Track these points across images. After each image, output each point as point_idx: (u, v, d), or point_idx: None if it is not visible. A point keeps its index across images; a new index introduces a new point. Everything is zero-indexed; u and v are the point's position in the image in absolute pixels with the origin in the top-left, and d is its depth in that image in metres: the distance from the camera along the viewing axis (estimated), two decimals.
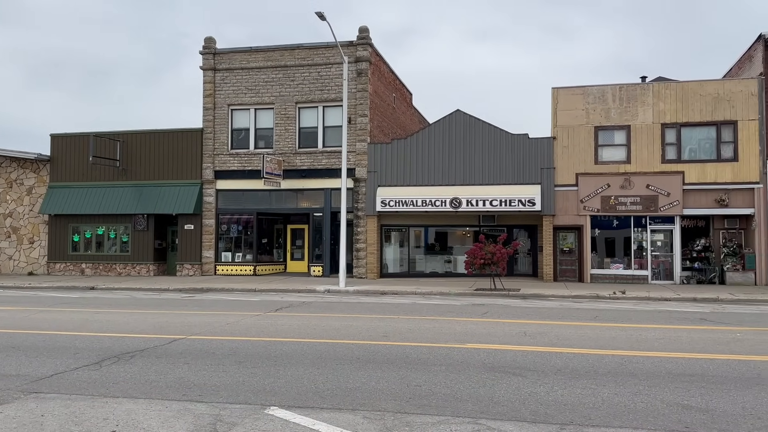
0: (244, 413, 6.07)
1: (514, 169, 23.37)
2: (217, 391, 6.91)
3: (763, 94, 21.57)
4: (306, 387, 7.10)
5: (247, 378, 7.53)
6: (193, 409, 6.23)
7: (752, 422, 5.72)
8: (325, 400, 6.54)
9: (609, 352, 9.11)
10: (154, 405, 6.38)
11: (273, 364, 8.26)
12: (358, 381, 7.34)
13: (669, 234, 22.75)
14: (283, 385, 7.20)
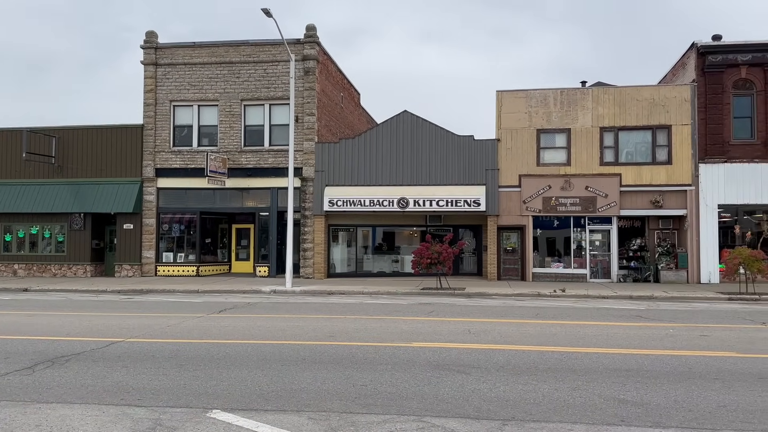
0: (185, 417, 5.92)
1: (460, 169, 23.70)
2: (156, 395, 6.72)
3: (695, 100, 22.62)
4: (250, 389, 6.99)
5: (188, 381, 7.35)
6: (131, 413, 6.04)
7: (683, 414, 5.99)
8: (270, 402, 6.46)
9: (549, 348, 9.36)
10: (91, 410, 6.15)
11: (216, 367, 8.10)
12: (304, 382, 7.28)
13: (607, 234, 23.57)
14: (226, 387, 7.07)
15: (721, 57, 22.43)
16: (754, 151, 22.25)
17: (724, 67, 22.43)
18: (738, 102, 22.59)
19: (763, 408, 6.18)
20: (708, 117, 22.45)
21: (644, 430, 5.51)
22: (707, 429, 5.54)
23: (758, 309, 15.15)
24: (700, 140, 22.49)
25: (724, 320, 12.84)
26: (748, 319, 12.94)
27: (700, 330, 11.33)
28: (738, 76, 22.45)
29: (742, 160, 22.26)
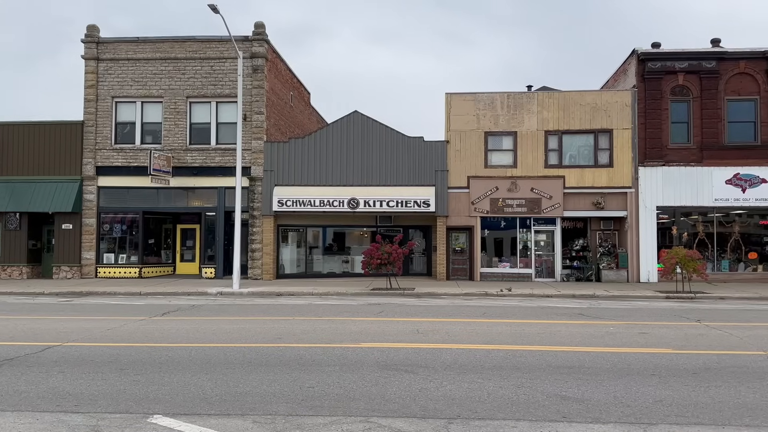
0: (125, 423, 5.73)
1: (410, 170, 23.84)
2: (95, 401, 6.48)
3: (635, 105, 23.46)
4: (193, 393, 6.82)
5: (128, 386, 7.12)
6: (67, 420, 5.81)
7: (622, 410, 6.18)
8: (213, 406, 6.32)
9: (495, 347, 9.51)
10: (24, 417, 5.88)
11: (158, 371, 7.87)
12: (249, 385, 7.16)
13: (551, 234, 24.18)
14: (169, 392, 6.88)
15: (659, 64, 23.35)
16: (690, 155, 23.25)
17: (663, 73, 23.36)
18: (675, 107, 23.55)
19: (696, 402, 6.45)
20: (647, 122, 23.32)
21: (584, 426, 5.67)
22: (644, 424, 5.74)
23: (694, 307, 15.82)
24: (640, 144, 23.34)
25: (661, 318, 13.34)
26: (684, 317, 13.49)
27: (639, 328, 11.74)
28: (676, 83, 23.41)
29: (679, 164, 23.22)
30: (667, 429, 5.58)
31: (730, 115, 23.20)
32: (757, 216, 24.24)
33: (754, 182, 22.72)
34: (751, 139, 23.03)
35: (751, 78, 23.11)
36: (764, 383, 7.22)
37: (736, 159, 22.90)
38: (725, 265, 24.01)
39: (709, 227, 24.26)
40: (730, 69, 23.15)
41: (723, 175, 22.85)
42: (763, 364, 8.30)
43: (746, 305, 16.41)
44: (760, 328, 11.73)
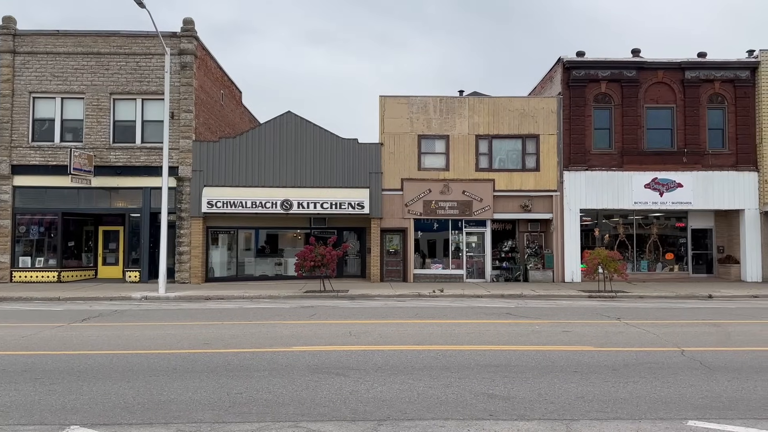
0: None
1: (344, 172, 23.78)
2: (6, 413, 6.10)
3: (561, 112, 24.34)
4: (114, 402, 6.53)
5: (44, 396, 6.73)
6: None
7: (546, 406, 6.37)
8: (135, 415, 6.07)
9: (426, 347, 9.61)
10: None
11: (76, 380, 7.49)
12: (174, 393, 6.92)
13: (482, 236, 24.72)
14: (87, 401, 6.55)
15: (584, 72, 24.32)
16: (611, 160, 24.33)
17: (587, 81, 24.35)
18: (598, 114, 24.59)
19: (615, 398, 6.72)
20: (572, 128, 24.24)
21: (510, 423, 5.80)
22: (566, 419, 5.93)
23: (614, 305, 16.55)
24: (565, 149, 24.23)
25: (584, 317, 13.87)
26: (605, 315, 14.08)
27: (562, 326, 12.15)
28: (599, 91, 24.46)
29: (601, 168, 24.25)
30: (588, 424, 5.79)
31: (649, 123, 24.45)
32: (673, 218, 25.66)
33: (671, 186, 24.03)
34: (668, 145, 24.35)
35: (668, 87, 24.44)
36: (678, 378, 7.62)
37: (654, 164, 24.14)
38: (644, 265, 25.28)
39: (629, 229, 25.50)
40: (650, 78, 24.40)
41: (642, 180, 24.05)
42: (677, 360, 8.76)
43: (663, 304, 17.31)
44: (676, 325, 12.39)
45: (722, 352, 9.34)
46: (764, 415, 6.08)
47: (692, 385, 7.27)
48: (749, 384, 7.29)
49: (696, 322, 12.74)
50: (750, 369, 8.10)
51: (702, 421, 5.86)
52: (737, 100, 24.23)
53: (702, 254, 25.69)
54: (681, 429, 5.66)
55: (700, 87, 24.26)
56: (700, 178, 24.01)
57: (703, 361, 8.55)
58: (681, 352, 9.30)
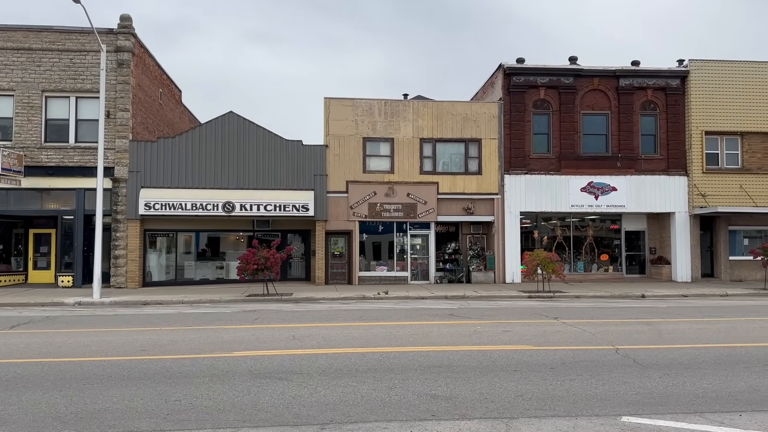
0: None
1: (288, 174, 23.53)
2: None
3: (502, 117, 24.87)
4: (44, 412, 6.23)
5: None
6: None
7: (487, 405, 6.48)
8: (68, 425, 5.81)
9: (370, 349, 9.61)
10: None
11: (3, 389, 7.11)
12: (109, 401, 6.66)
13: (426, 238, 24.97)
14: (15, 412, 6.23)
15: (524, 78, 24.95)
16: (549, 165, 25.04)
17: (526, 87, 24.99)
18: (537, 120, 25.28)
19: (553, 396, 6.90)
20: (512, 132, 24.82)
21: (452, 423, 5.86)
22: (506, 418, 6.05)
23: (553, 305, 17.02)
24: (506, 153, 24.78)
25: (523, 316, 14.20)
26: (544, 315, 14.45)
27: (503, 326, 12.40)
28: (538, 97, 25.14)
29: (540, 172, 24.92)
30: (527, 422, 5.92)
31: (585, 128, 25.31)
32: (608, 221, 26.63)
33: (606, 190, 24.94)
34: (604, 150, 25.27)
35: (603, 94, 25.37)
36: (613, 375, 7.89)
37: (590, 168, 25.00)
38: (581, 266, 26.13)
39: (567, 231, 26.30)
40: (586, 85, 25.27)
41: (578, 184, 24.86)
42: (612, 357, 9.08)
43: (598, 303, 17.93)
44: (611, 324, 12.84)
45: (654, 349, 9.74)
46: (692, 409, 6.37)
47: (626, 382, 7.55)
48: (679, 380, 7.63)
49: (629, 321, 13.25)
50: (680, 365, 8.48)
51: (635, 417, 6.09)
52: (668, 108, 25.40)
53: (635, 255, 26.77)
54: (615, 425, 5.86)
55: (634, 94, 25.31)
56: (634, 182, 25.02)
57: (636, 359, 8.90)
58: (615, 350, 9.64)
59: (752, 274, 25.08)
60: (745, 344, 10.15)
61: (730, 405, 6.51)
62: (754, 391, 7.06)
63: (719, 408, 6.40)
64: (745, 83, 25.20)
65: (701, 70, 25.30)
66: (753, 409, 6.34)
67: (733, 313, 14.78)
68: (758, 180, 25.10)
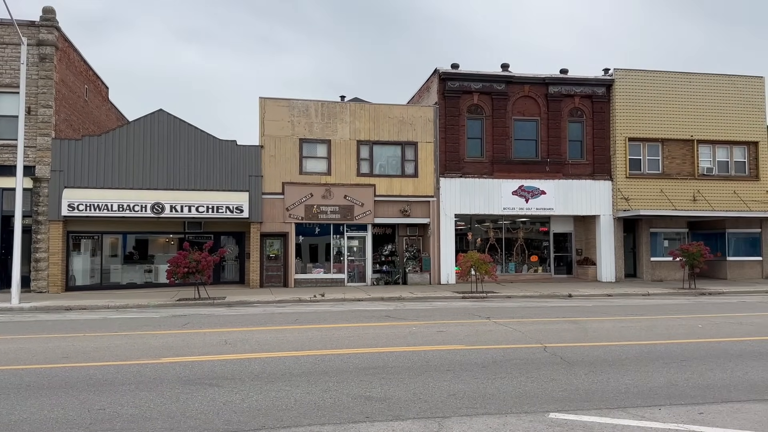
0: None
1: (222, 175, 23.02)
2: None
3: (437, 121, 25.24)
4: None
5: None
6: None
7: (420, 405, 6.53)
8: None
9: (305, 353, 9.52)
10: None
11: None
12: (27, 411, 6.31)
13: (363, 240, 25.01)
14: None
15: (458, 84, 25.42)
16: (483, 168, 25.61)
17: (461, 93, 25.47)
18: (471, 124, 25.81)
19: (484, 394, 7.04)
20: (447, 136, 25.24)
21: (385, 424, 5.88)
22: (439, 417, 6.12)
23: (485, 306, 17.39)
24: (441, 157, 25.17)
25: (457, 317, 14.44)
26: (477, 315, 14.75)
27: (437, 326, 12.57)
28: (471, 102, 25.67)
29: (474, 176, 25.45)
30: (459, 420, 6.02)
31: (517, 133, 26.04)
32: (538, 223, 27.49)
33: (536, 193, 25.74)
34: (533, 155, 26.07)
35: (533, 101, 26.18)
36: (541, 372, 8.14)
37: (521, 173, 25.74)
38: (512, 267, 26.85)
39: (499, 233, 26.98)
40: (517, 92, 26.01)
41: (510, 187, 25.54)
42: (540, 355, 9.36)
43: (528, 303, 18.47)
44: (540, 323, 13.25)
45: (580, 347, 10.11)
46: (616, 404, 6.65)
47: (553, 379, 7.80)
48: (603, 376, 7.95)
49: (557, 320, 13.71)
50: (603, 362, 8.83)
51: (562, 413, 6.29)
52: (594, 115, 26.49)
53: (563, 256, 27.75)
54: (543, 421, 6.03)
55: (562, 101, 26.25)
56: (562, 186, 25.94)
57: (564, 356, 9.21)
58: (544, 348, 9.95)
59: (672, 274, 26.49)
60: (664, 341, 10.69)
61: (650, 399, 6.83)
62: (673, 386, 7.44)
63: (640, 403, 6.70)
64: (666, 92, 26.62)
65: (625, 79, 26.54)
66: (671, 403, 6.67)
67: (653, 312, 15.56)
68: (677, 185, 26.55)
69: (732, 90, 27.04)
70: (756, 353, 9.48)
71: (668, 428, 5.78)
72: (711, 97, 26.91)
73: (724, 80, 27.11)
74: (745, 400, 6.76)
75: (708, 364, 8.64)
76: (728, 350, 9.73)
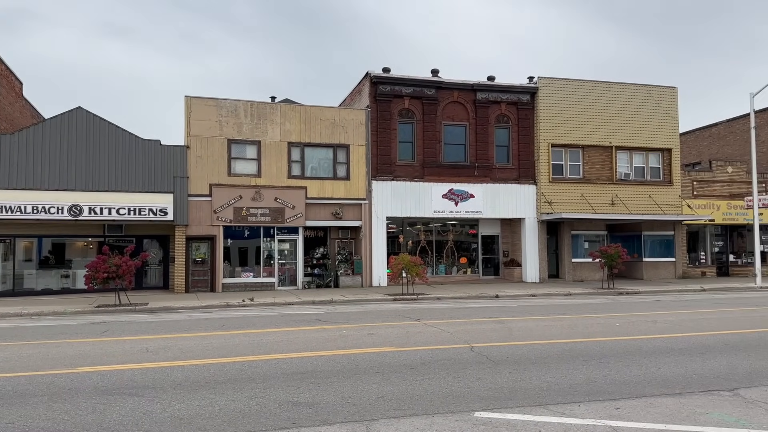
0: None
1: (145, 176, 22.16)
2: None
3: (369, 124, 25.32)
4: None
5: None
6: None
7: (348, 409, 6.50)
8: None
9: (231, 359, 9.29)
10: None
11: None
12: None
13: (294, 243, 24.73)
14: None
15: (389, 88, 25.60)
16: (414, 172, 25.90)
17: (392, 97, 25.67)
18: (402, 128, 26.05)
19: (413, 395, 7.09)
20: (379, 140, 25.37)
21: (312, 429, 5.82)
22: (367, 420, 6.11)
23: (416, 307, 17.57)
24: (373, 160, 25.26)
25: (388, 319, 14.51)
26: (407, 317, 14.87)
27: (368, 329, 12.59)
28: (402, 106, 25.92)
29: (405, 179, 25.69)
30: (387, 423, 6.03)
31: (446, 138, 26.50)
32: (467, 226, 28.05)
33: (464, 197, 26.26)
34: (463, 159, 26.60)
35: (462, 106, 26.73)
36: (468, 372, 8.28)
37: (450, 176, 26.21)
38: (442, 269, 27.27)
39: (430, 236, 27.34)
40: (447, 97, 26.47)
41: (440, 190, 25.95)
42: (467, 355, 9.53)
43: (457, 304, 18.80)
44: (467, 323, 13.50)
45: (505, 346, 10.37)
46: (538, 402, 6.84)
47: (479, 378, 7.96)
48: (526, 374, 8.18)
49: (484, 320, 14.03)
50: (527, 361, 9.10)
51: (487, 412, 6.42)
52: (520, 121, 27.33)
53: (491, 258, 28.45)
54: (468, 420, 6.14)
55: (489, 108, 26.93)
56: (489, 190, 26.60)
57: (489, 356, 9.42)
58: (471, 348, 10.15)
59: (592, 274, 27.66)
60: (584, 339, 11.13)
61: (570, 396, 7.08)
62: (591, 383, 7.75)
63: (561, 399, 6.93)
64: (587, 100, 27.81)
65: (548, 87, 27.53)
66: (590, 399, 6.94)
67: (575, 311, 16.18)
68: (597, 189, 27.76)
69: (648, 99, 28.58)
70: (668, 350, 10.02)
71: (586, 424, 6.01)
72: (628, 105, 28.33)
73: (640, 90, 28.60)
74: (658, 395, 7.12)
75: (624, 361, 9.05)
76: (643, 347, 10.25)
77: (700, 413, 6.35)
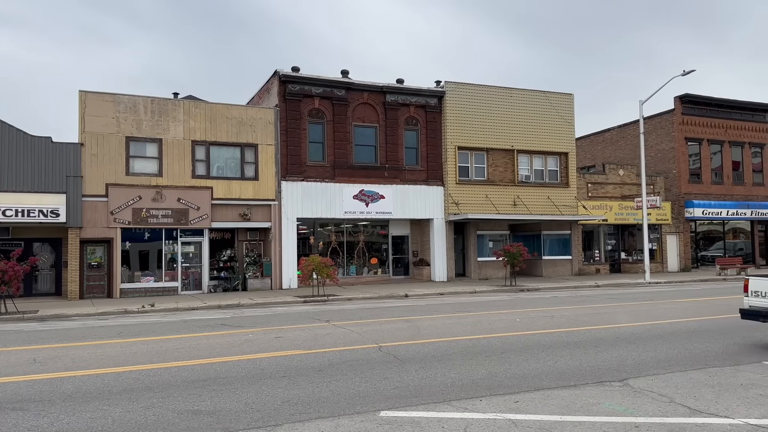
0: None
1: (34, 175, 20.64)
2: None
3: (278, 123, 24.91)
4: None
5: None
6: None
7: (252, 415, 6.33)
8: None
9: (128, 368, 8.82)
10: None
11: None
12: None
13: (199, 246, 23.89)
14: None
15: (299, 87, 25.33)
16: (324, 172, 25.77)
17: (302, 96, 25.41)
18: (312, 129, 25.85)
19: (319, 398, 7.02)
20: (289, 139, 25.03)
21: None
22: (270, 426, 5.98)
23: (326, 309, 17.47)
24: (283, 160, 24.89)
25: (297, 321, 14.33)
26: (317, 319, 14.76)
27: (276, 332, 12.37)
28: (312, 106, 25.72)
29: (316, 180, 25.51)
30: (291, 427, 5.92)
31: (357, 139, 26.57)
32: (378, 226, 28.25)
33: (375, 198, 26.45)
34: (373, 160, 26.78)
35: (372, 108, 26.90)
36: (375, 372, 8.31)
37: (361, 177, 26.30)
38: (353, 269, 27.31)
39: (341, 237, 27.31)
40: (357, 99, 26.55)
41: (351, 191, 25.99)
42: (375, 355, 9.58)
43: (367, 304, 18.88)
44: (376, 323, 13.59)
45: (412, 345, 10.52)
46: (442, 398, 6.98)
47: (386, 377, 8.01)
48: (432, 372, 8.33)
49: (393, 320, 14.18)
50: (433, 358, 9.27)
51: (392, 411, 6.47)
52: (428, 124, 27.87)
53: (401, 258, 28.82)
54: (374, 420, 6.15)
55: (399, 110, 27.29)
56: (399, 191, 26.95)
57: (397, 355, 9.52)
58: (378, 347, 10.21)
59: (496, 272, 28.68)
60: (487, 335, 11.51)
61: (473, 391, 7.27)
62: (493, 377, 8.01)
63: (464, 395, 7.11)
64: (491, 105, 28.80)
65: (455, 91, 28.27)
66: (491, 394, 7.16)
67: (479, 308, 16.70)
68: (500, 190, 28.82)
69: (546, 105, 30.01)
70: (564, 343, 10.54)
71: (487, 418, 6.19)
72: (529, 110, 29.62)
73: (539, 96, 29.99)
74: (555, 387, 7.47)
75: (524, 355, 9.43)
76: (541, 341, 10.73)
77: (593, 404, 6.71)
